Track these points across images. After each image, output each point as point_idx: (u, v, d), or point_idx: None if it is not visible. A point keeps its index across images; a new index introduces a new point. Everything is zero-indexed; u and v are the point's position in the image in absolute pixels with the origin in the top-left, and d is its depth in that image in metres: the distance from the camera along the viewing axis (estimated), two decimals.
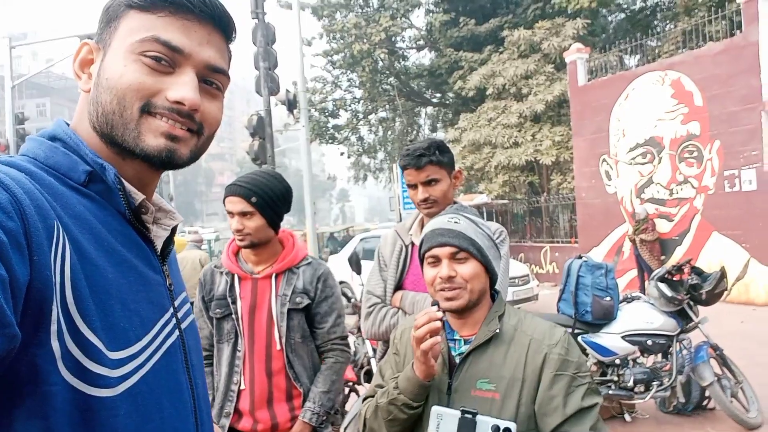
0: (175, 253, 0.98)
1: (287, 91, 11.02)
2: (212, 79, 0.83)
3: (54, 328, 0.63)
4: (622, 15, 18.07)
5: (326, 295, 2.20)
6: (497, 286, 1.55)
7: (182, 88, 0.77)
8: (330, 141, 22.17)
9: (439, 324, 1.32)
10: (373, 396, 1.54)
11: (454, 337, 1.48)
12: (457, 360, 1.43)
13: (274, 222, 2.10)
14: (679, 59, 10.66)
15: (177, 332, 0.85)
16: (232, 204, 2.07)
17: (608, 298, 4.24)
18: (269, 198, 2.06)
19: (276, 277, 2.15)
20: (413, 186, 2.17)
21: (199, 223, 42.68)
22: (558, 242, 14.10)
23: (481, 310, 1.47)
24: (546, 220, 14.78)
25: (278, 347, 2.11)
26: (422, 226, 2.25)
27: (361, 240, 12.16)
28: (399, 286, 2.24)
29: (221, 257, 2.27)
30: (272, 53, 9.63)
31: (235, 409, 2.11)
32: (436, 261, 1.45)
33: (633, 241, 10.56)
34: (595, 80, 12.34)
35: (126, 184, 0.79)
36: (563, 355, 1.37)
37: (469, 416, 1.28)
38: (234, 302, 2.13)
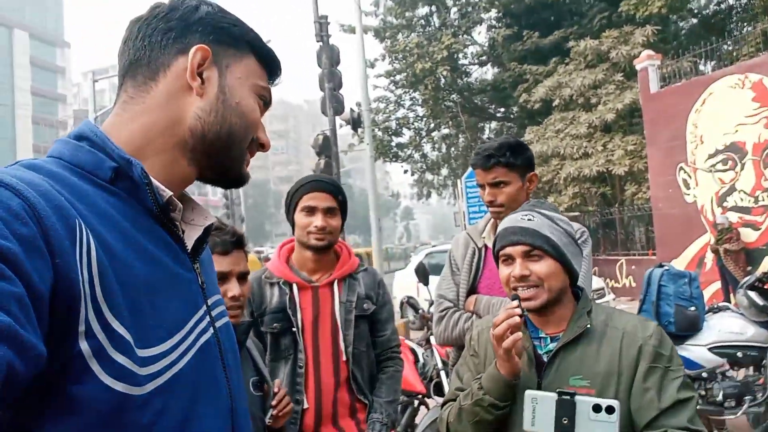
0: (209, 254, 0.98)
1: (351, 110, 11.23)
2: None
3: (82, 328, 0.62)
4: (695, 20, 17.33)
5: (386, 301, 2.13)
6: (580, 283, 1.49)
7: (264, 133, 0.91)
8: (393, 159, 22.29)
9: (518, 319, 1.28)
10: (454, 400, 1.50)
11: (539, 335, 1.45)
12: (545, 358, 1.40)
13: (342, 226, 2.04)
14: (759, 61, 10.10)
15: (211, 329, 0.84)
16: (316, 200, 1.93)
17: (693, 308, 4.03)
18: (346, 200, 2.01)
19: (337, 284, 2.03)
20: (482, 186, 2.10)
21: (269, 243, 43.89)
22: (634, 255, 13.54)
23: (564, 307, 1.43)
24: (621, 232, 14.23)
25: (344, 358, 1.98)
26: (495, 227, 2.16)
27: (427, 255, 12.11)
28: (472, 290, 2.15)
29: (269, 266, 2.08)
30: (336, 74, 9.86)
31: (299, 430, 1.93)
32: (510, 260, 1.42)
33: (716, 252, 10.01)
34: (668, 87, 11.85)
35: (153, 180, 0.78)
36: (657, 347, 1.32)
37: (567, 397, 1.23)
38: (294, 314, 1.96)
